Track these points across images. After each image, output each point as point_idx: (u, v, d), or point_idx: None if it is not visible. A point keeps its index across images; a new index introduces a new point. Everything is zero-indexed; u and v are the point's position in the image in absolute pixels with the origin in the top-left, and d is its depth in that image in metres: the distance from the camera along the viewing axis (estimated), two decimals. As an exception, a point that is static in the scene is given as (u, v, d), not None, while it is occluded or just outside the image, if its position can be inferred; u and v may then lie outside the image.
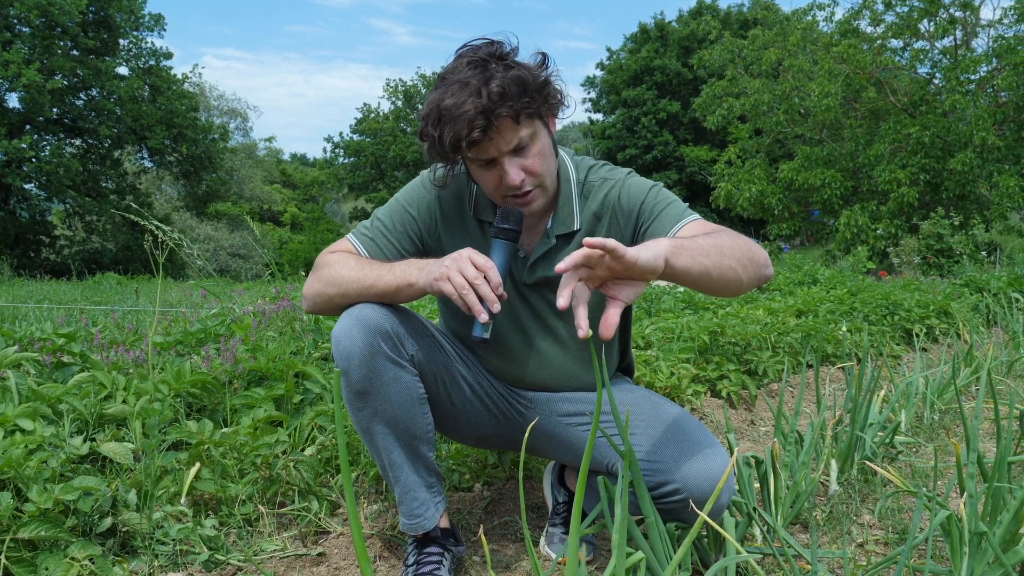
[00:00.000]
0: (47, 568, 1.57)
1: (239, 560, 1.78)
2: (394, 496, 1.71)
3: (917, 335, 4.77)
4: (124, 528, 1.75)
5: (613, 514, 1.44)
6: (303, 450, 2.14)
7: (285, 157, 55.60)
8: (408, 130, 39.16)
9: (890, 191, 15.05)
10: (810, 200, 17.12)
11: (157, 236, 2.65)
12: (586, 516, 1.72)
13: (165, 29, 28.07)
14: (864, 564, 1.78)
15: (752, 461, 1.91)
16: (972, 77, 15.87)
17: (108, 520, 1.72)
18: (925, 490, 1.88)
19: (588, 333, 1.22)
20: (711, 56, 19.30)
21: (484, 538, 1.32)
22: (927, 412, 3.08)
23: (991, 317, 6.55)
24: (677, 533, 1.58)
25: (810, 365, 4.07)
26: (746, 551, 1.69)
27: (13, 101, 24.53)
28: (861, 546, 1.90)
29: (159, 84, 27.59)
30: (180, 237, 2.92)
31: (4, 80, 23.12)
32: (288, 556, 1.84)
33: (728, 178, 18.11)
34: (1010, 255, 13.45)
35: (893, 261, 12.90)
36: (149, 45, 27.69)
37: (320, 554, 1.87)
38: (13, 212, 25.60)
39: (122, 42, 27.13)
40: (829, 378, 4.01)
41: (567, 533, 1.88)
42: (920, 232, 12.98)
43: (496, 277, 1.42)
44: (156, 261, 2.55)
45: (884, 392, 2.87)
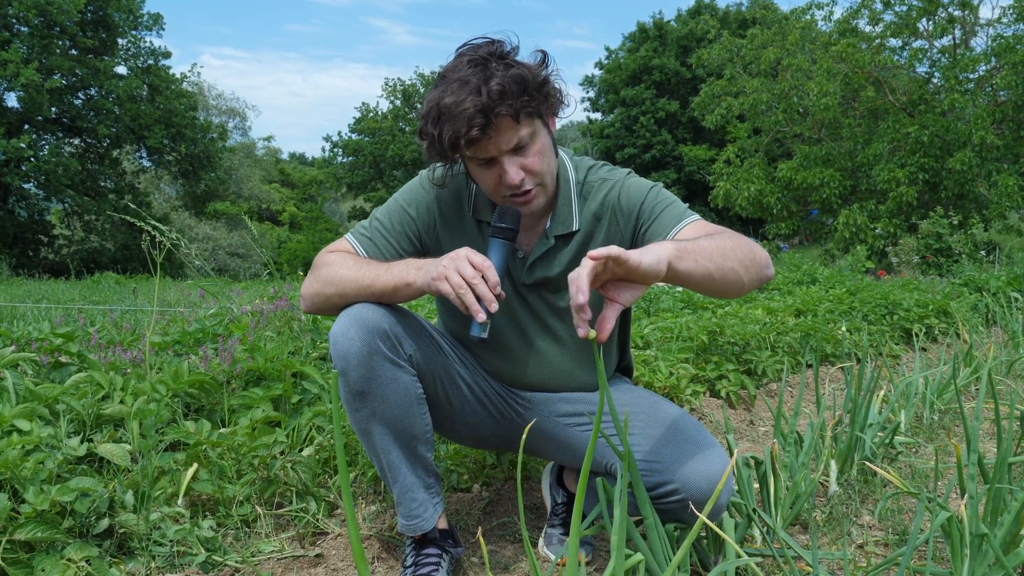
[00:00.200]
0: (43, 570, 1.56)
1: (236, 561, 1.77)
2: (392, 497, 1.70)
3: (916, 335, 4.76)
4: (121, 529, 1.74)
5: (612, 515, 1.43)
6: (301, 451, 2.13)
7: (284, 156, 55.63)
8: (407, 129, 39.16)
9: (889, 190, 15.04)
10: (809, 199, 17.10)
11: (154, 236, 2.64)
12: (585, 517, 1.71)
13: (164, 28, 28.05)
14: (864, 566, 1.78)
15: (751, 462, 1.91)
16: (971, 76, 15.85)
17: (105, 521, 1.72)
18: (926, 491, 1.87)
19: (590, 333, 1.22)
20: (710, 55, 19.27)
21: (482, 539, 1.31)
22: (927, 412, 3.07)
23: (990, 316, 6.55)
24: (676, 534, 1.58)
25: (809, 365, 4.07)
26: (746, 553, 1.69)
27: (12, 100, 24.56)
28: (861, 547, 1.90)
29: (158, 83, 27.59)
30: (178, 237, 2.91)
31: (3, 79, 23.10)
32: (286, 557, 1.83)
33: (727, 177, 18.09)
34: (1009, 254, 13.43)
35: (892, 260, 12.89)
36: (148, 44, 27.71)
37: (318, 555, 1.86)
38: (12, 211, 25.57)
39: (121, 41, 27.14)
40: (828, 378, 4.00)
41: (566, 534, 1.88)
42: (919, 231, 12.97)
43: (494, 276, 1.41)
44: (154, 261, 2.55)
45: (884, 392, 2.87)
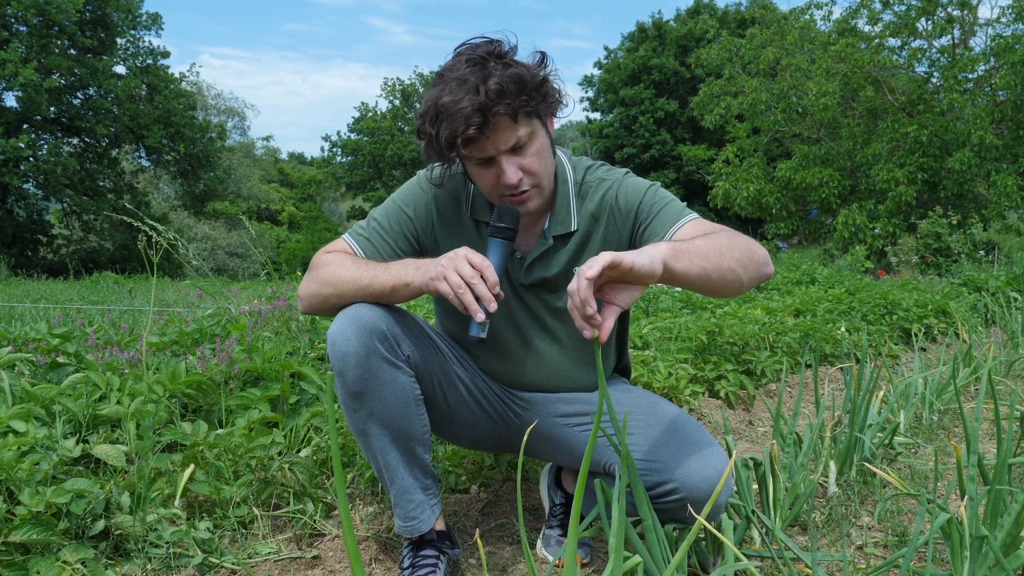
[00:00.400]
0: (38, 572, 1.55)
1: (233, 563, 1.76)
2: (390, 498, 1.70)
3: (915, 335, 4.76)
4: (117, 531, 1.73)
5: (610, 516, 1.43)
6: (299, 451, 2.12)
7: (283, 156, 55.64)
8: (406, 129, 39.16)
9: (888, 190, 15.03)
10: (808, 199, 17.10)
11: (151, 236, 2.63)
12: (583, 519, 1.71)
13: (162, 28, 28.02)
14: (864, 567, 1.77)
15: (750, 463, 1.90)
16: (970, 76, 15.84)
17: (101, 523, 1.71)
18: (925, 493, 1.87)
19: (595, 333, 1.22)
20: (709, 55, 19.27)
21: (480, 541, 1.30)
22: (926, 413, 3.07)
23: (989, 316, 6.55)
24: (675, 535, 1.57)
25: (808, 365, 4.06)
26: (745, 554, 1.68)
27: (10, 100, 24.53)
28: (860, 549, 1.89)
29: (156, 83, 27.56)
30: (175, 237, 2.90)
31: (1, 79, 23.07)
32: (283, 559, 1.83)
33: (726, 177, 18.08)
34: (1008, 254, 13.44)
35: (891, 260, 12.89)
36: (146, 44, 27.69)
37: (315, 557, 1.85)
38: (10, 211, 25.55)
39: (119, 41, 27.11)
40: (827, 378, 4.00)
41: (564, 535, 1.87)
42: (918, 231, 12.97)
43: (493, 276, 1.40)
44: (151, 261, 2.54)
45: (883, 393, 2.86)
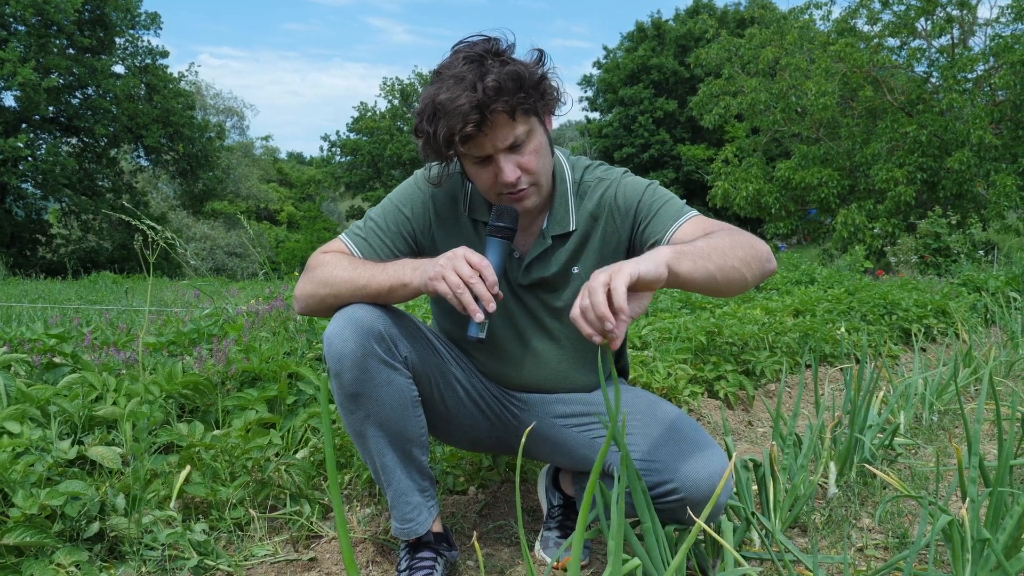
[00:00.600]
0: (32, 574, 1.54)
1: (229, 565, 1.75)
2: (387, 500, 1.68)
3: (915, 335, 4.75)
4: (112, 533, 1.72)
5: (609, 518, 1.41)
6: (295, 453, 2.11)
7: (282, 156, 55.63)
8: (405, 129, 39.18)
9: (887, 190, 15.04)
10: (807, 199, 17.11)
11: (148, 236, 2.62)
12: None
13: (161, 27, 27.95)
14: (864, 570, 1.76)
15: (750, 464, 1.89)
16: (969, 76, 15.86)
17: (96, 525, 1.70)
18: (926, 494, 1.86)
19: (604, 341, 1.20)
20: (708, 55, 19.27)
21: (478, 543, 1.29)
22: (926, 413, 3.05)
23: (989, 316, 6.54)
24: (675, 536, 1.56)
25: (808, 365, 4.05)
26: (744, 556, 1.67)
27: (9, 100, 24.53)
28: (860, 551, 1.88)
29: (155, 83, 27.57)
30: (172, 237, 2.89)
31: (0, 79, 23.05)
32: (279, 561, 1.81)
33: (725, 177, 18.09)
34: (1007, 254, 13.45)
35: (890, 260, 12.89)
36: (145, 43, 27.73)
37: (312, 559, 1.84)
38: (9, 211, 25.54)
39: (118, 40, 27.12)
40: (827, 378, 3.99)
41: (562, 537, 1.86)
42: (917, 231, 12.98)
43: (491, 276, 1.39)
44: (148, 261, 2.52)
45: (883, 393, 2.85)
